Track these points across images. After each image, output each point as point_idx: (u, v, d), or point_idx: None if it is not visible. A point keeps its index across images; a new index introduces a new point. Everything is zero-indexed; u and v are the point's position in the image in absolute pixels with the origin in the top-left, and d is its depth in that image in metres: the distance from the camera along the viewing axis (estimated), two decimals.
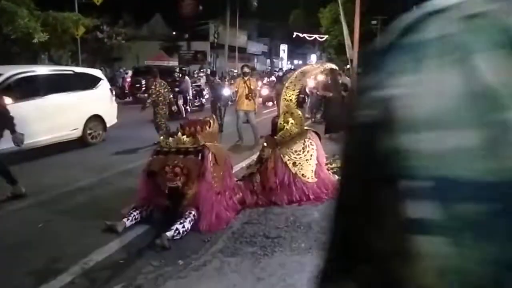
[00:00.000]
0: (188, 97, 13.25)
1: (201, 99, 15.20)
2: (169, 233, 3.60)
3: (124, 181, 5.51)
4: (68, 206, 4.69)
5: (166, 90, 8.05)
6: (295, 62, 52.14)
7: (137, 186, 4.38)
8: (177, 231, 3.66)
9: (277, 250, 3.52)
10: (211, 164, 4.10)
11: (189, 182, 4.00)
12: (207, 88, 14.62)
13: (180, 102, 12.04)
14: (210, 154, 4.10)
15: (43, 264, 3.32)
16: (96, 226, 3.96)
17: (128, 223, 3.96)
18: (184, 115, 11.42)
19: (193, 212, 3.89)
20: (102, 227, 3.92)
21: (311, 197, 4.72)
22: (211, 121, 4.59)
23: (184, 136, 4.27)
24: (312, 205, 4.64)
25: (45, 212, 4.44)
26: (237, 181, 4.87)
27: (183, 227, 3.74)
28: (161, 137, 4.56)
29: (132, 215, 4.02)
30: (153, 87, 8.02)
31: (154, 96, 7.92)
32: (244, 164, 6.41)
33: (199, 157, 4.06)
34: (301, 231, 3.94)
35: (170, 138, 4.33)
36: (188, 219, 3.82)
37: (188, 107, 12.97)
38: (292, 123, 5.17)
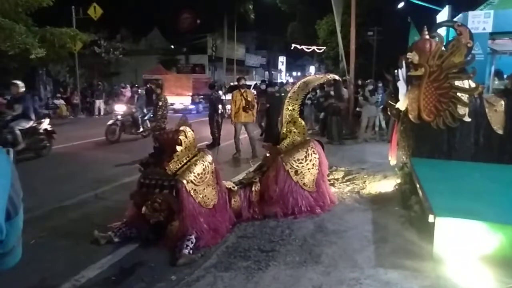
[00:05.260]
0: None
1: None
2: (185, 251, 3.57)
3: (120, 196, 5.48)
4: (60, 222, 4.65)
5: (168, 105, 8.25)
6: (294, 73, 52.32)
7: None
8: (189, 247, 3.62)
9: (271, 264, 3.46)
10: (191, 192, 3.86)
11: (172, 214, 3.85)
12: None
13: None
14: (184, 186, 3.83)
15: (35, 282, 3.27)
16: (88, 243, 3.91)
17: (115, 238, 3.91)
18: None
19: (194, 234, 3.80)
20: (94, 243, 3.89)
21: (304, 209, 4.66)
22: (181, 137, 4.07)
23: (158, 168, 4.02)
24: (307, 217, 4.60)
25: (38, 228, 4.38)
26: (235, 186, 4.73)
27: (192, 242, 3.69)
28: (140, 168, 4.19)
29: (121, 230, 3.97)
30: (162, 100, 8.14)
31: (162, 108, 8.03)
32: (241, 176, 6.37)
33: (174, 193, 3.85)
34: (296, 244, 3.89)
35: (148, 169, 4.09)
36: (193, 235, 3.76)
37: None
38: (294, 132, 5.18)
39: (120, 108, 11.24)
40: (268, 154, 5.16)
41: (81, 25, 17.47)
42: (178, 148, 4.05)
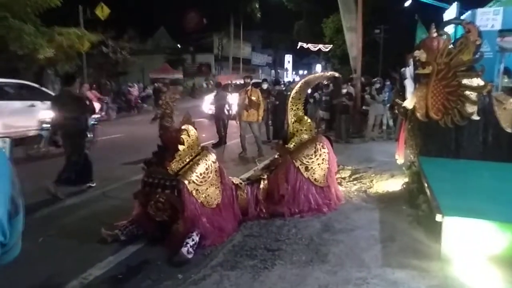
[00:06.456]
0: None
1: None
2: (184, 249, 3.56)
3: (127, 194, 5.49)
4: (68, 221, 4.69)
5: (174, 103, 8.12)
6: (300, 72, 52.22)
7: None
8: (188, 245, 3.62)
9: (277, 263, 3.45)
10: (193, 193, 3.82)
11: (177, 213, 3.82)
12: None
13: None
14: (186, 186, 3.78)
15: (42, 280, 3.30)
16: (95, 241, 3.94)
17: (122, 237, 3.93)
18: None
19: (196, 231, 3.79)
20: (101, 241, 3.92)
21: (313, 207, 4.64)
22: (183, 136, 4.03)
23: (160, 167, 3.97)
24: (314, 216, 4.58)
25: (46, 226, 4.43)
26: (244, 182, 4.70)
27: (193, 240, 3.68)
28: (143, 167, 4.13)
29: (128, 228, 3.98)
30: (163, 98, 8.08)
31: (163, 107, 7.96)
32: (248, 175, 6.37)
33: (175, 193, 3.79)
34: (302, 243, 3.88)
35: (151, 168, 4.05)
36: (195, 232, 3.76)
37: None
38: (301, 130, 5.19)
39: (47, 115, 7.75)
40: (277, 156, 5.15)
41: (88, 25, 17.59)
42: (181, 147, 4.01)
